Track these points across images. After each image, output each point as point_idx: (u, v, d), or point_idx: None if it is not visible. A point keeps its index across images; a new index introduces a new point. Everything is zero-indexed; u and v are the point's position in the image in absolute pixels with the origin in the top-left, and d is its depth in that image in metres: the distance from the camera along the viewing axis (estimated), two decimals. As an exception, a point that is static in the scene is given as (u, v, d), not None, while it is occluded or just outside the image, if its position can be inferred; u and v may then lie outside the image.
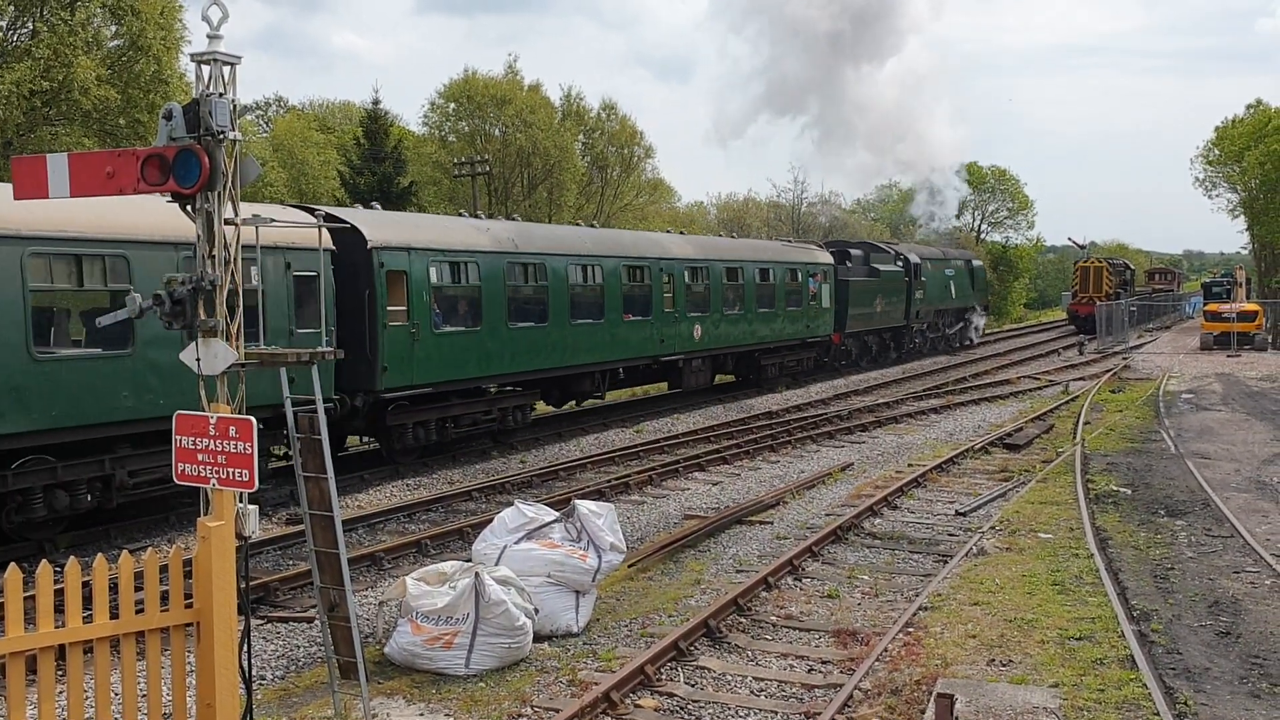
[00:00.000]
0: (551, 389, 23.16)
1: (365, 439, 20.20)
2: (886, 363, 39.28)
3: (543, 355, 21.37)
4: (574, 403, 24.57)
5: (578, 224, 29.54)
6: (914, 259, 41.03)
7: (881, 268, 38.35)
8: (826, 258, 34.96)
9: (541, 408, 24.20)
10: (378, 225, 18.24)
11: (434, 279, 18.77)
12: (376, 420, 18.12)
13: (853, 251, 38.30)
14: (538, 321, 21.30)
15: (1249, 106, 73.10)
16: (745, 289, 29.18)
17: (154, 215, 13.53)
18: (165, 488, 13.81)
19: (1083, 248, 72.39)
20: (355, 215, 18.39)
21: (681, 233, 35.68)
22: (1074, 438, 21.18)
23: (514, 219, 26.38)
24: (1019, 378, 34.00)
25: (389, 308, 17.73)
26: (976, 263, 50.97)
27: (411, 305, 18.18)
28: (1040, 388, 31.54)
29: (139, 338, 13.56)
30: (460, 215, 25.55)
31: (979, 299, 49.68)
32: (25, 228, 12.54)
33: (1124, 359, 39.82)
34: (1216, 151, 73.17)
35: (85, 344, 14.05)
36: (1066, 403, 27.20)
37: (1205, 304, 49.86)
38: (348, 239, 17.26)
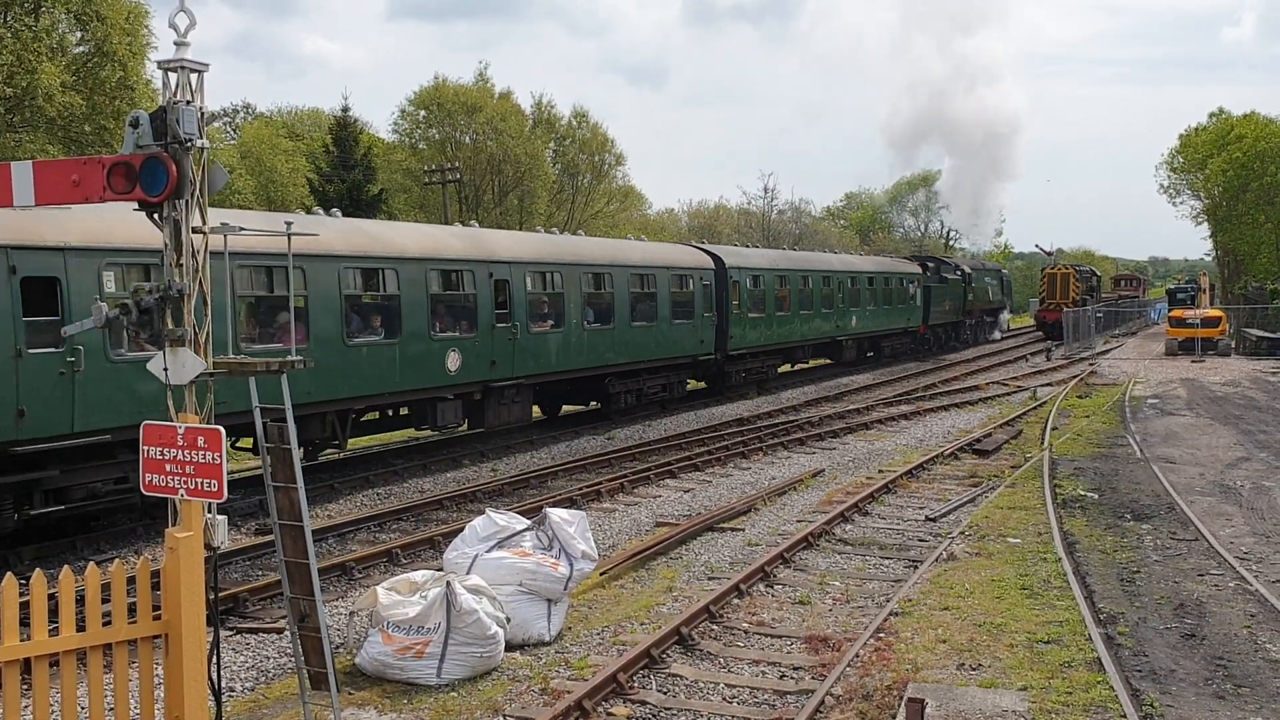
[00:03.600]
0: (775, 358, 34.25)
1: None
2: (949, 350, 49.94)
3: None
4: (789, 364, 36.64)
5: (549, 232, 29.58)
6: (967, 269, 52.91)
7: (948, 276, 49.69)
8: (918, 269, 46.79)
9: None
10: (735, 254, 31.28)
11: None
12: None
13: (928, 264, 49.02)
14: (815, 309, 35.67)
15: (1212, 115, 74.19)
16: (877, 293, 41.21)
17: (409, 238, 19.37)
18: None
19: (1050, 254, 73.19)
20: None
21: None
22: (1042, 443, 21.37)
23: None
24: (988, 383, 34.26)
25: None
26: (1005, 273, 64.80)
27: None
28: (1009, 393, 31.80)
29: (405, 330, 18.22)
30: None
31: (1007, 301, 63.20)
32: (340, 250, 16.94)
33: (1090, 365, 40.23)
34: (1180, 159, 74.14)
35: (373, 334, 17.93)
36: (1034, 408, 27.44)
37: (1170, 310, 50.49)
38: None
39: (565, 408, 26.37)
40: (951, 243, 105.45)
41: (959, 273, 51.22)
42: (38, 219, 12.60)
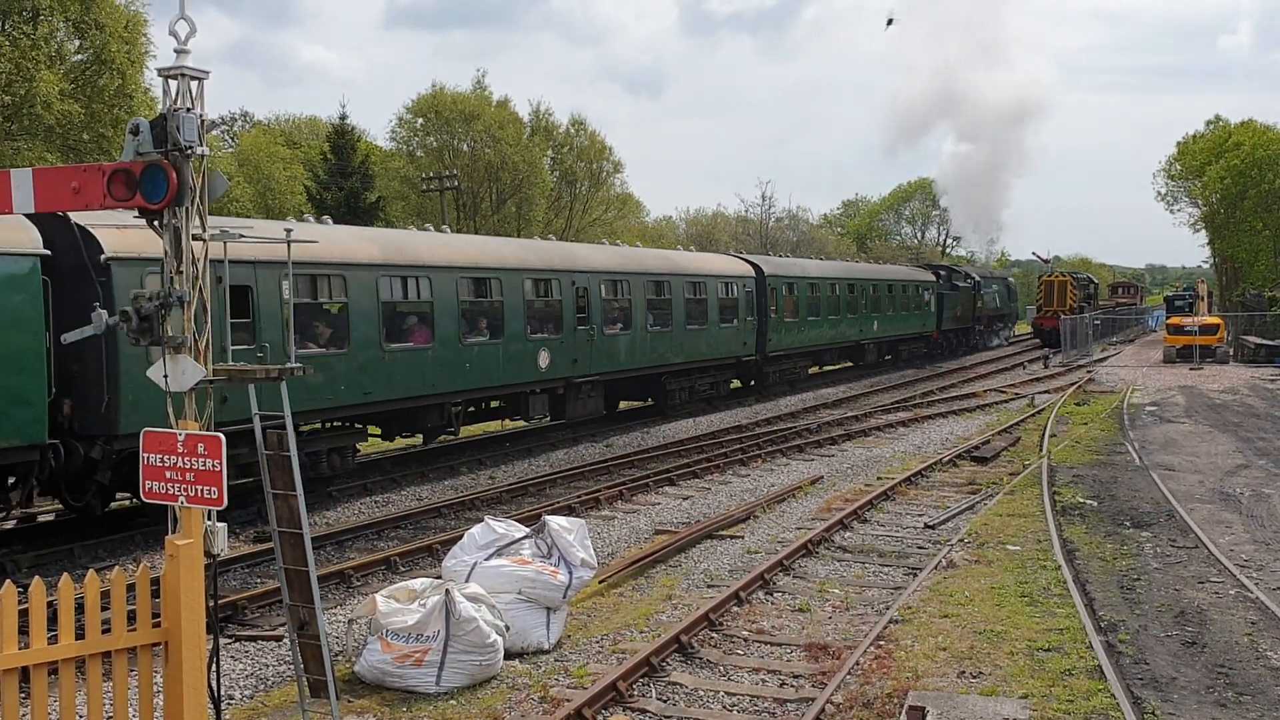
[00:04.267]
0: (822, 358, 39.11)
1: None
2: (960, 354, 52.41)
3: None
4: (818, 366, 40.01)
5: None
6: (977, 277, 55.91)
7: (959, 284, 52.45)
8: (933, 277, 49.36)
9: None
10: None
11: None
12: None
13: (941, 272, 51.84)
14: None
15: (1209, 122, 74.39)
16: (896, 300, 43.62)
17: (510, 251, 22.01)
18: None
19: (1047, 262, 73.26)
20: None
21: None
22: (1040, 450, 21.37)
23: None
24: (985, 391, 34.27)
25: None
26: (1011, 281, 66.94)
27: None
28: (1006, 401, 31.80)
29: (507, 331, 20.69)
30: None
31: (1013, 308, 65.05)
32: (457, 262, 19.51)
33: (1088, 372, 40.24)
34: (1178, 166, 74.28)
35: (481, 335, 20.18)
36: (1032, 415, 27.44)
37: (1168, 317, 50.53)
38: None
39: (622, 403, 28.57)
40: (948, 250, 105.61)
41: (969, 281, 54.24)
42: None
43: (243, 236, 8.23)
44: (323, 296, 16.91)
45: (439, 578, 10.44)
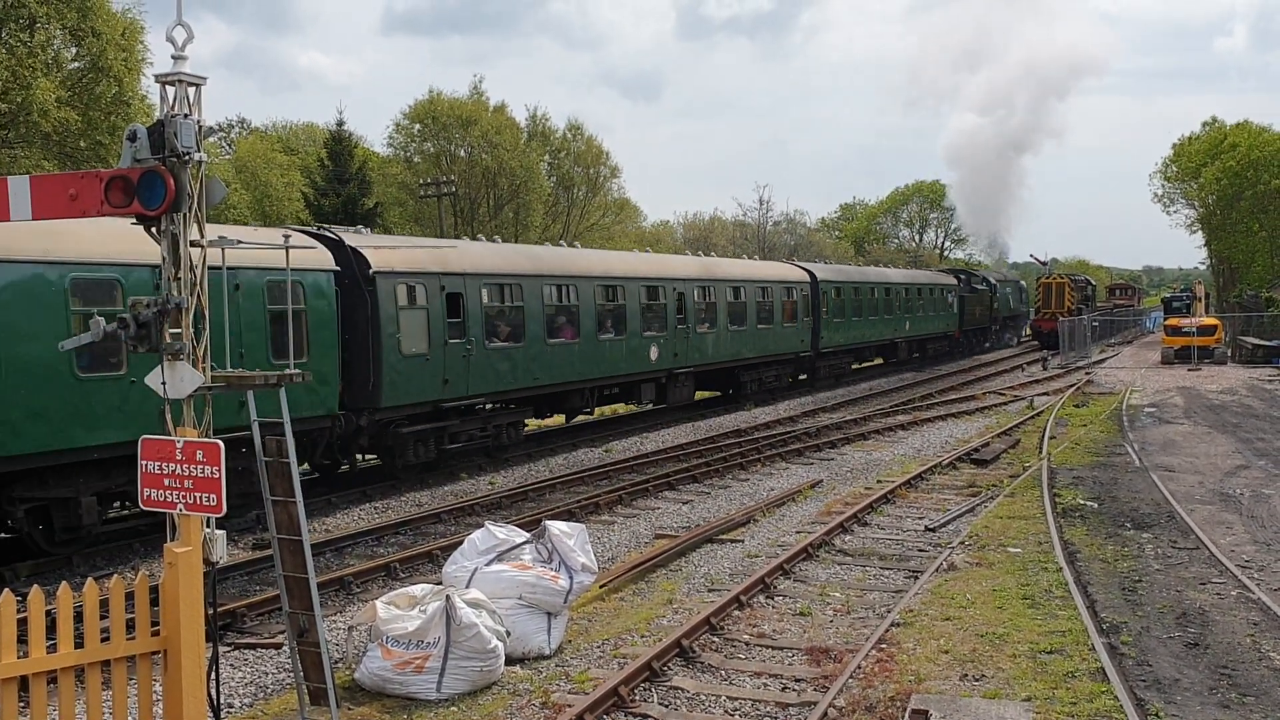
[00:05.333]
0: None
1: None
2: (980, 351, 56.64)
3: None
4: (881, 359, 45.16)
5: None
6: (993, 280, 59.65)
7: (977, 287, 56.32)
8: (954, 281, 53.39)
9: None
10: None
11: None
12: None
13: (961, 275, 55.85)
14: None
15: (1205, 124, 74.49)
16: (925, 302, 47.84)
17: (629, 262, 27.05)
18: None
19: (1044, 264, 73.29)
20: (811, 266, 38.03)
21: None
22: (1040, 452, 21.35)
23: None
24: (984, 393, 34.27)
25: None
26: (1023, 284, 70.10)
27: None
28: (1005, 403, 31.80)
29: (628, 329, 24.82)
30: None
31: (1024, 309, 67.72)
32: (595, 272, 23.91)
33: (1087, 374, 40.25)
34: (1174, 168, 74.39)
35: (610, 332, 24.37)
36: (1032, 418, 27.43)
37: (1166, 319, 50.58)
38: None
39: (699, 393, 31.20)
40: (946, 253, 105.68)
41: (986, 284, 58.23)
42: (445, 255, 20.04)
43: (241, 243, 8.20)
44: (507, 301, 21.32)
45: (439, 584, 10.41)
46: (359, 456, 19.32)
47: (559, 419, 26.02)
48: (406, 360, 18.32)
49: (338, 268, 16.97)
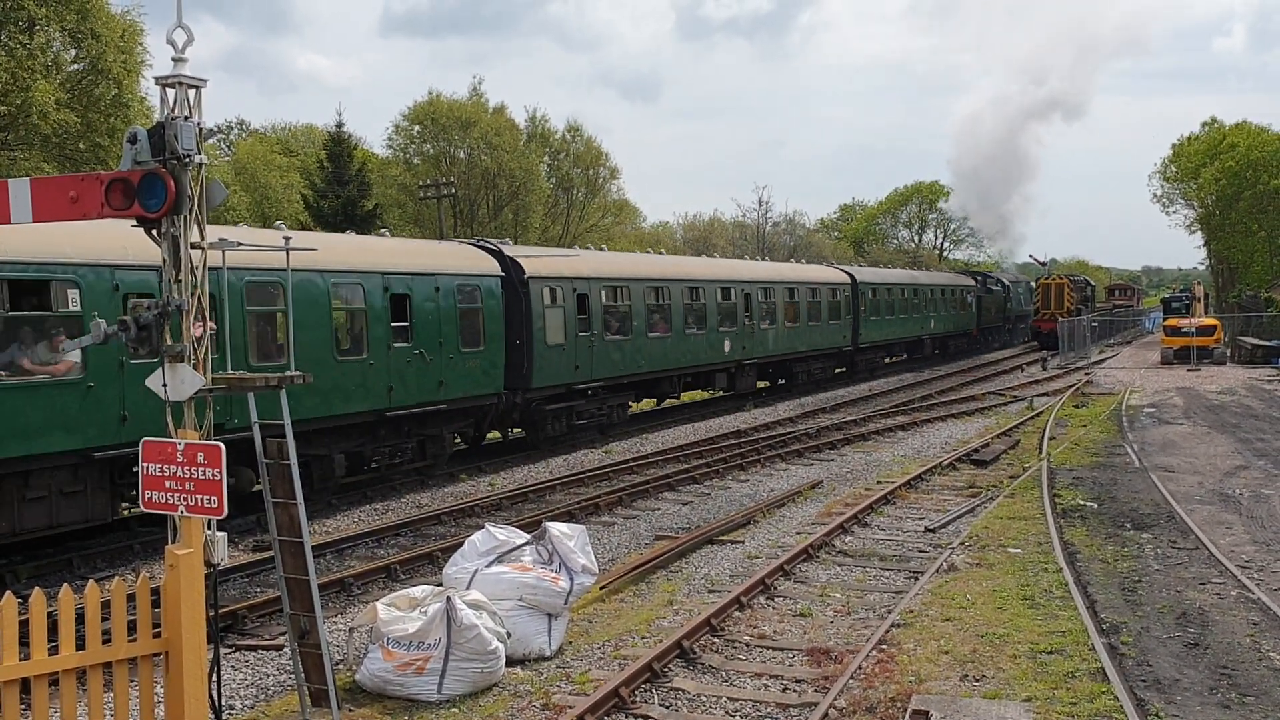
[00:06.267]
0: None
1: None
2: (995, 347, 60.42)
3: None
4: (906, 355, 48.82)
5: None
6: (1007, 282, 64.00)
7: (993, 288, 60.72)
8: (973, 282, 57.94)
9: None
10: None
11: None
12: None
13: (978, 277, 60.35)
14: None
15: (1204, 124, 74.46)
16: (945, 301, 51.13)
17: (708, 266, 31.50)
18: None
19: (1044, 264, 73.32)
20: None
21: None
22: (1040, 453, 21.36)
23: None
24: (984, 394, 34.27)
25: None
26: (1033, 284, 70.73)
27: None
28: (1005, 404, 31.81)
29: (708, 325, 28.75)
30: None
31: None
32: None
33: (1086, 374, 40.25)
34: (1173, 168, 74.37)
35: (693, 328, 28.18)
36: (1031, 418, 27.44)
37: (1165, 319, 50.59)
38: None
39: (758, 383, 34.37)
40: (945, 254, 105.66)
41: (1000, 285, 62.56)
42: (575, 262, 24.20)
43: (241, 245, 8.21)
44: (619, 301, 25.27)
45: (440, 585, 10.41)
46: (508, 431, 23.87)
47: (650, 402, 29.80)
48: (550, 349, 22.40)
49: (503, 273, 21.11)
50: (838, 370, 40.40)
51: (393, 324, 18.12)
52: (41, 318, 12.86)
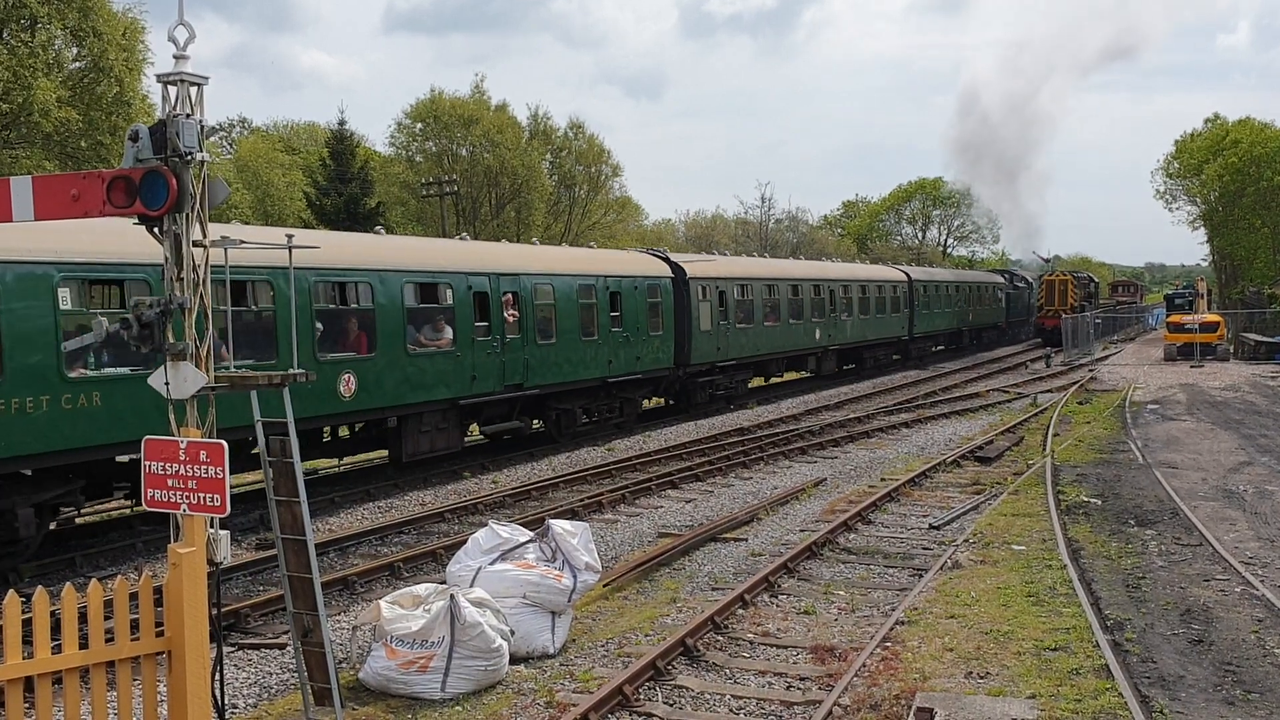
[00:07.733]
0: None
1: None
2: (1019, 340, 64.39)
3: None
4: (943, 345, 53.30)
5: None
6: (1029, 279, 67.66)
7: (1019, 285, 66.14)
8: (1003, 280, 64.07)
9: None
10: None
11: None
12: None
13: (1004, 274, 66.39)
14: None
15: (1207, 120, 74.33)
16: (979, 297, 56.77)
17: (778, 266, 36.21)
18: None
19: (1047, 261, 73.28)
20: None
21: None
22: (1044, 449, 21.34)
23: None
24: (988, 391, 34.25)
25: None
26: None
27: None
28: (1009, 400, 31.78)
29: (781, 318, 33.28)
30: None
31: None
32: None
33: (1090, 371, 40.22)
34: (1176, 164, 74.23)
35: (773, 321, 33.13)
36: (1035, 415, 27.41)
37: (1168, 316, 50.51)
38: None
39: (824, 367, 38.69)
40: (948, 251, 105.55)
41: (1025, 282, 67.24)
42: (716, 265, 30.92)
43: (244, 243, 8.19)
44: (745, 296, 30.93)
45: (443, 583, 10.41)
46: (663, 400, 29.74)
47: (759, 380, 35.37)
48: (702, 334, 28.41)
49: (673, 275, 27.44)
50: (894, 356, 45.51)
51: (611, 313, 24.48)
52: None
